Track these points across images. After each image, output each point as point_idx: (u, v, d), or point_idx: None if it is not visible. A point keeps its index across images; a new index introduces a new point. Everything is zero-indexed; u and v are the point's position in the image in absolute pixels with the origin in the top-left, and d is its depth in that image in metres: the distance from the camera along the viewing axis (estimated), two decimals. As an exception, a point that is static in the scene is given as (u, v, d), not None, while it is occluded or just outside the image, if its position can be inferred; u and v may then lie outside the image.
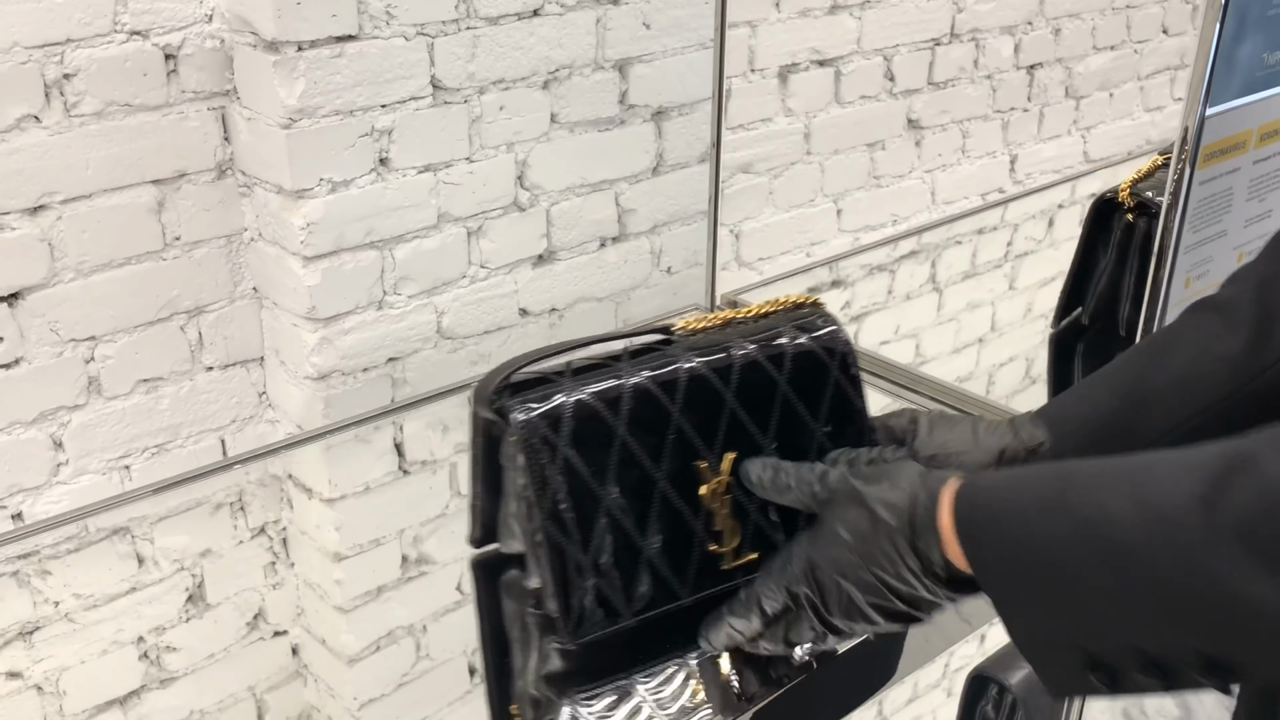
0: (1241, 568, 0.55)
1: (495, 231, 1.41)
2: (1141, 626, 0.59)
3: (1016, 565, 0.64)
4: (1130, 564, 0.58)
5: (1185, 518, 0.57)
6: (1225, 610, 0.56)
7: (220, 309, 1.33)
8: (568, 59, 1.41)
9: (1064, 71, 2.23)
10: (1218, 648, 0.57)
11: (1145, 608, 0.58)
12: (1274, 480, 0.55)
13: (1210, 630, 0.57)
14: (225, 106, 1.27)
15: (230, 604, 1.46)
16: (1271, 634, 0.56)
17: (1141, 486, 0.60)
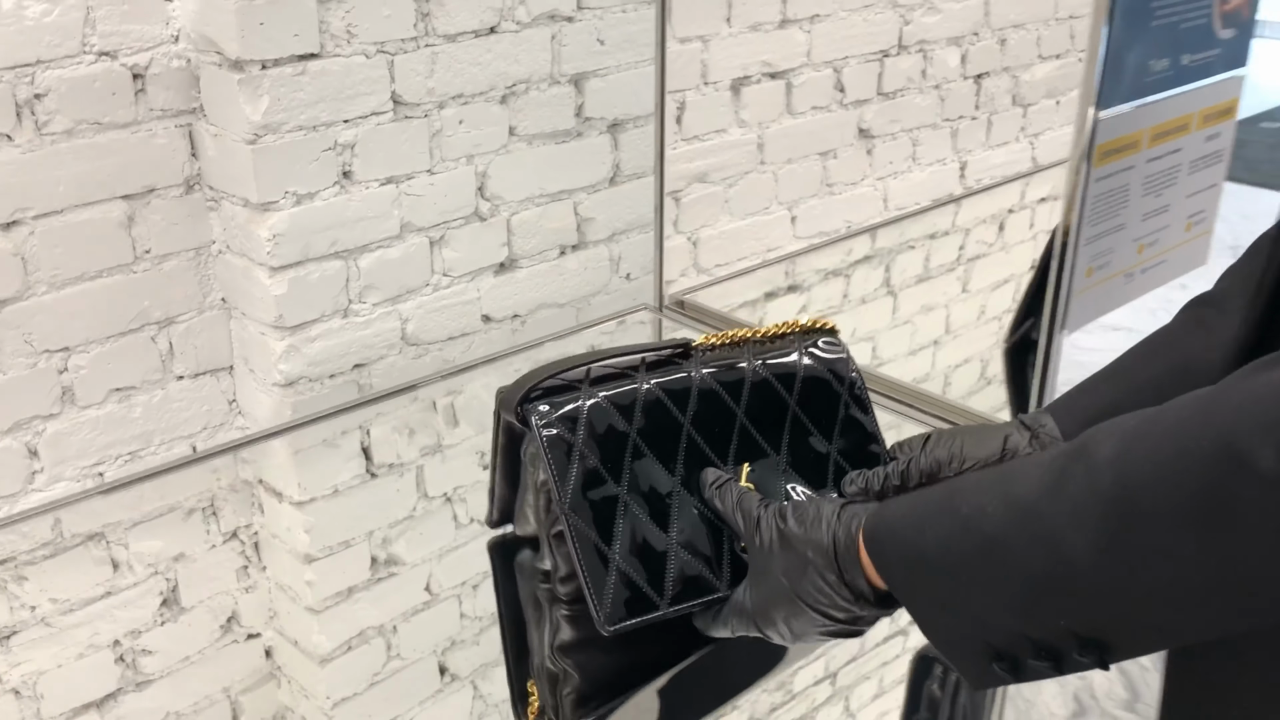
0: (1082, 548, 0.60)
1: (457, 241, 1.45)
2: (1021, 613, 0.64)
3: (917, 570, 0.69)
4: (1002, 555, 0.64)
5: (1036, 506, 0.62)
6: (1080, 589, 0.61)
7: (190, 319, 1.36)
8: (525, 74, 1.46)
9: (1011, 80, 2.30)
10: (1080, 624, 0.62)
11: (1020, 595, 0.63)
12: (1095, 461, 0.61)
13: (1069, 607, 0.62)
14: (192, 124, 1.31)
15: (204, 607, 1.49)
16: (1111, 601, 0.61)
17: (1009, 484, 0.65)
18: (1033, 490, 0.63)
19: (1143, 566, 0.59)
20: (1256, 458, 0.54)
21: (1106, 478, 0.60)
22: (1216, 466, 0.55)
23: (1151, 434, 0.59)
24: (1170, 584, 0.59)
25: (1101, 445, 0.61)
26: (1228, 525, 0.56)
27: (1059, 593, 0.62)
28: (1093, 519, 0.60)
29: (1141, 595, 0.60)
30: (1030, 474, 0.64)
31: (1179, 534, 0.57)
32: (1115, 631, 0.63)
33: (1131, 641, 0.64)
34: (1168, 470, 0.57)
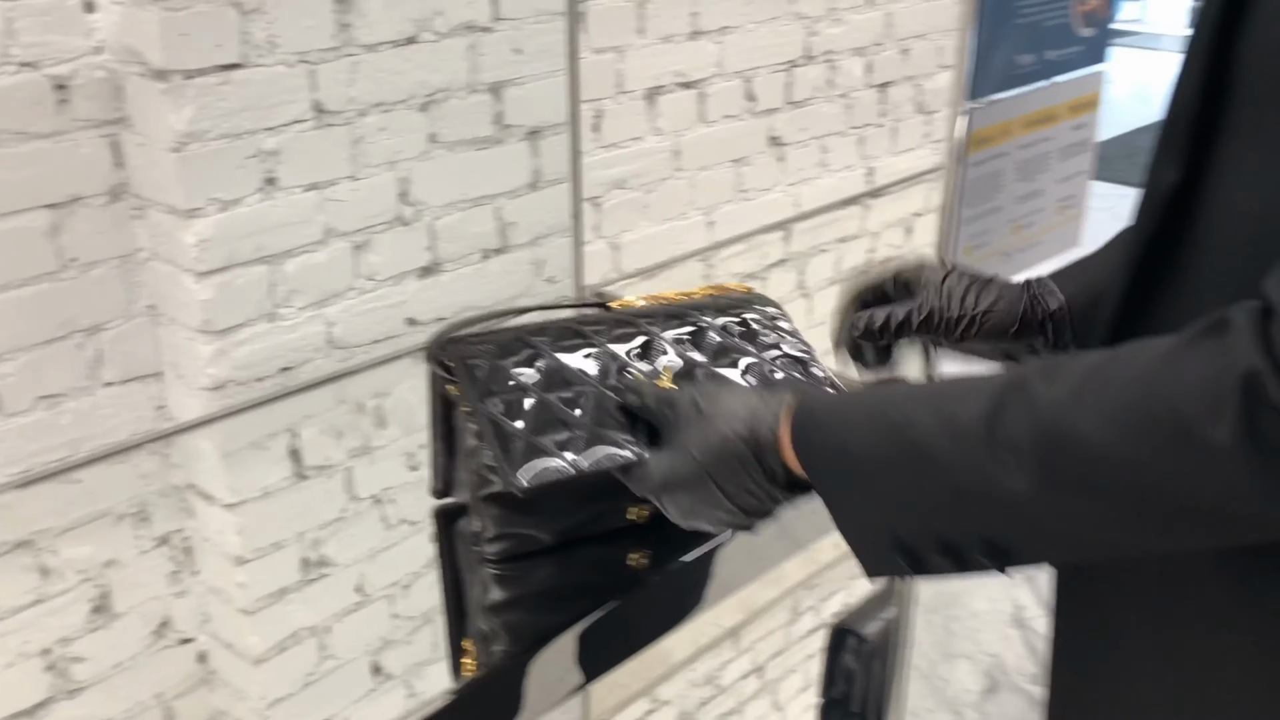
0: (1011, 472, 0.66)
1: (380, 245, 1.49)
2: (937, 515, 0.70)
3: (839, 463, 0.75)
4: (929, 465, 0.70)
5: (973, 430, 0.69)
6: (999, 503, 0.68)
7: (118, 326, 1.38)
8: (444, 83, 1.50)
9: (914, 88, 2.38)
10: (995, 534, 0.69)
11: (940, 501, 0.70)
12: (1037, 399, 0.67)
13: (990, 520, 0.69)
14: (117, 133, 1.33)
15: (136, 613, 1.50)
16: (1033, 522, 0.67)
17: (943, 403, 0.71)
18: (968, 414, 0.69)
19: (1071, 504, 0.66)
20: (1207, 432, 0.60)
21: (1047, 417, 0.66)
22: (1163, 434, 0.62)
23: (1100, 387, 0.65)
24: (1091, 522, 0.66)
25: (1046, 383, 0.67)
26: (1165, 487, 0.63)
27: (982, 508, 0.69)
28: (1031, 452, 0.66)
29: (1062, 526, 0.67)
30: (969, 397, 0.70)
31: (1115, 485, 0.64)
32: (1025, 546, 0.70)
33: (1037, 557, 0.71)
34: (1114, 427, 0.64)
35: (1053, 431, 0.66)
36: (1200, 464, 0.61)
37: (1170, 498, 0.63)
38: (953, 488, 0.69)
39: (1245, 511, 0.62)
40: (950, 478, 0.69)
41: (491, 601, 0.90)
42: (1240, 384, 0.60)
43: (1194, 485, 0.62)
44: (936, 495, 0.70)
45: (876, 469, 0.73)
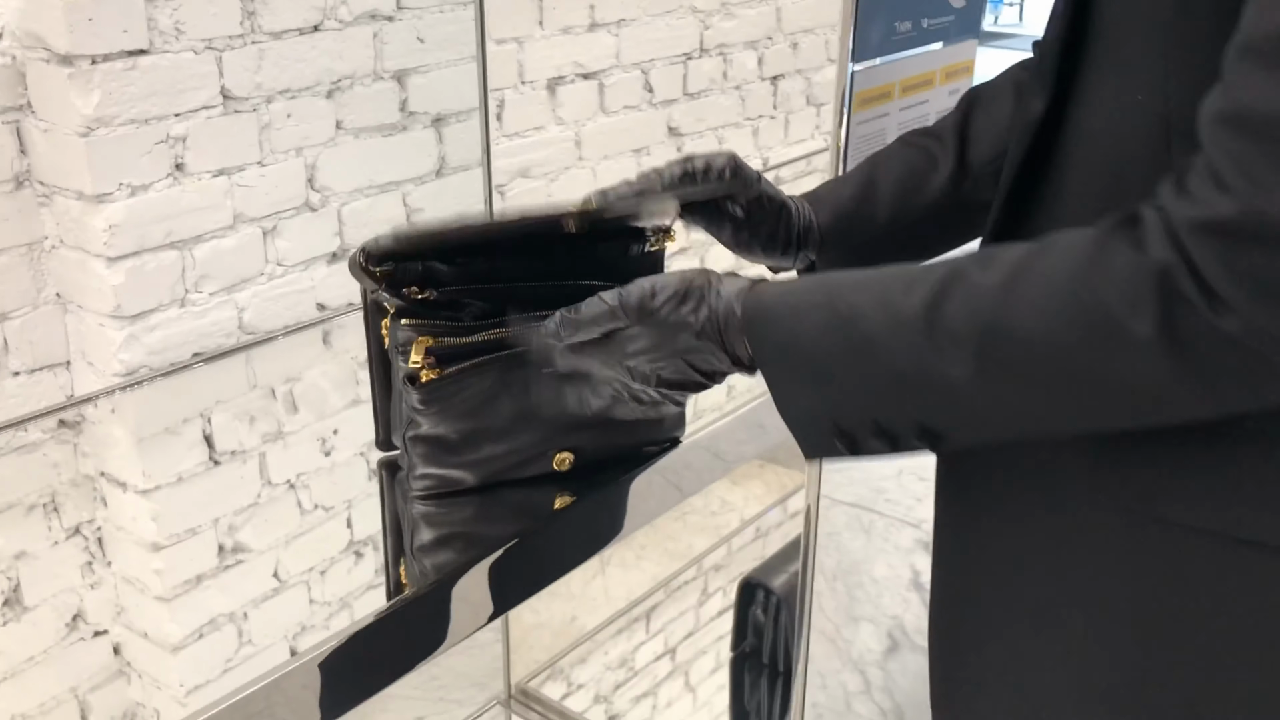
0: (957, 364, 0.71)
1: (289, 231, 1.51)
2: (879, 403, 0.75)
3: (788, 354, 0.79)
4: (873, 355, 0.74)
5: (915, 321, 0.72)
6: (937, 390, 0.72)
7: (24, 315, 1.38)
8: (349, 70, 1.53)
9: (804, 81, 2.47)
10: (931, 419, 0.74)
11: (883, 389, 0.74)
12: (975, 290, 0.71)
13: (927, 405, 0.73)
14: (19, 120, 1.33)
15: (48, 606, 1.49)
16: (969, 407, 0.73)
17: (886, 293, 0.75)
18: (909, 304, 0.73)
19: (1005, 391, 0.71)
20: (1130, 324, 0.65)
21: (985, 307, 0.71)
22: (1091, 326, 0.67)
23: (1035, 284, 0.70)
24: (1024, 407, 0.72)
25: (982, 272, 0.72)
26: (1093, 375, 0.68)
27: (922, 395, 0.74)
28: (970, 343, 0.71)
29: (996, 411, 0.73)
30: (913, 288, 0.74)
31: (1047, 373, 0.69)
32: (960, 430, 0.75)
33: (969, 439, 0.76)
34: (1051, 319, 0.68)
35: (990, 321, 0.70)
36: (1124, 354, 0.66)
37: (1098, 385, 0.68)
38: (895, 376, 0.74)
39: (1166, 397, 0.67)
40: (893, 367, 0.73)
41: (420, 542, 0.94)
42: (1156, 279, 0.64)
43: (1119, 373, 0.67)
44: (879, 384, 0.74)
45: (823, 359, 0.77)
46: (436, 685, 2.00)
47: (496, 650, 2.08)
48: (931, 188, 1.01)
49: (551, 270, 0.96)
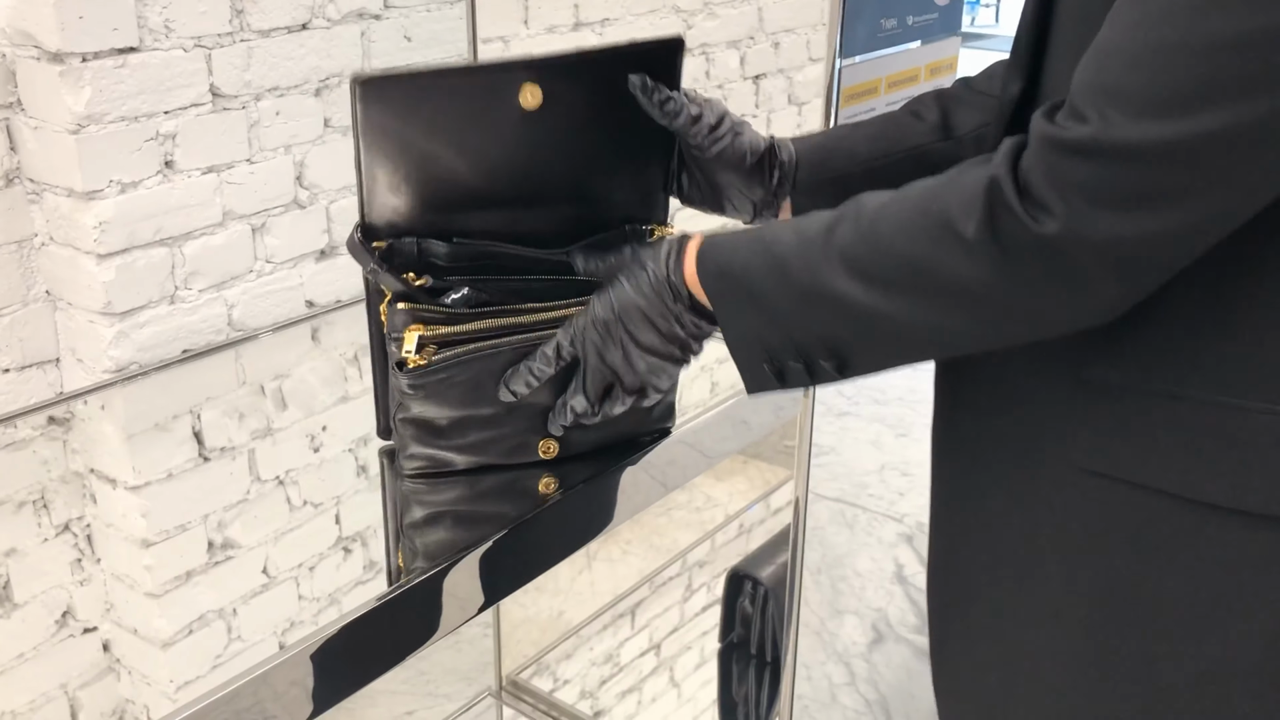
0: (842, 276, 0.81)
1: (278, 228, 1.52)
2: (791, 319, 0.84)
3: (727, 283, 0.88)
4: (785, 272, 0.84)
5: (815, 240, 0.83)
6: (830, 303, 0.81)
7: (14, 312, 1.38)
8: (337, 68, 1.54)
9: (785, 80, 2.49)
10: (831, 333, 0.83)
11: (792, 304, 0.84)
12: (862, 211, 0.82)
13: (826, 319, 0.83)
14: (9, 118, 1.33)
15: (38, 602, 1.49)
16: (856, 319, 0.81)
17: (802, 221, 0.86)
18: (815, 229, 0.83)
19: (878, 300, 0.80)
20: (960, 226, 0.75)
21: (865, 224, 0.81)
22: (933, 230, 0.77)
23: (902, 201, 0.80)
24: (894, 315, 0.80)
25: (868, 202, 0.82)
26: (937, 278, 0.77)
27: (821, 308, 0.83)
28: (849, 255, 0.81)
29: (876, 323, 0.81)
30: (821, 215, 0.84)
31: (905, 277, 0.79)
32: (856, 347, 0.84)
33: (867, 358, 0.85)
34: (906, 228, 0.79)
35: (866, 234, 0.81)
36: (956, 253, 0.75)
37: (942, 289, 0.77)
38: (801, 292, 0.83)
39: (993, 299, 0.76)
40: (799, 283, 0.83)
41: (411, 519, 0.97)
42: (986, 186, 0.74)
43: (954, 273, 0.76)
44: (790, 299, 0.83)
45: (750, 281, 0.86)
46: (424, 680, 2.01)
47: (484, 645, 2.09)
48: (914, 133, 1.07)
49: (548, 258, 0.99)
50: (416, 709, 1.97)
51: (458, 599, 1.00)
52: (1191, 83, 0.66)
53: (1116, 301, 0.75)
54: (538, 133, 0.96)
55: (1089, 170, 0.70)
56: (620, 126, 1.01)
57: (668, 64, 1.02)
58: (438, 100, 0.93)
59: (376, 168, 0.93)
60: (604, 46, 0.99)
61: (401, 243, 0.97)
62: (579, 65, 0.98)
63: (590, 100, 0.98)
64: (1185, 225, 0.70)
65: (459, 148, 0.94)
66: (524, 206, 0.99)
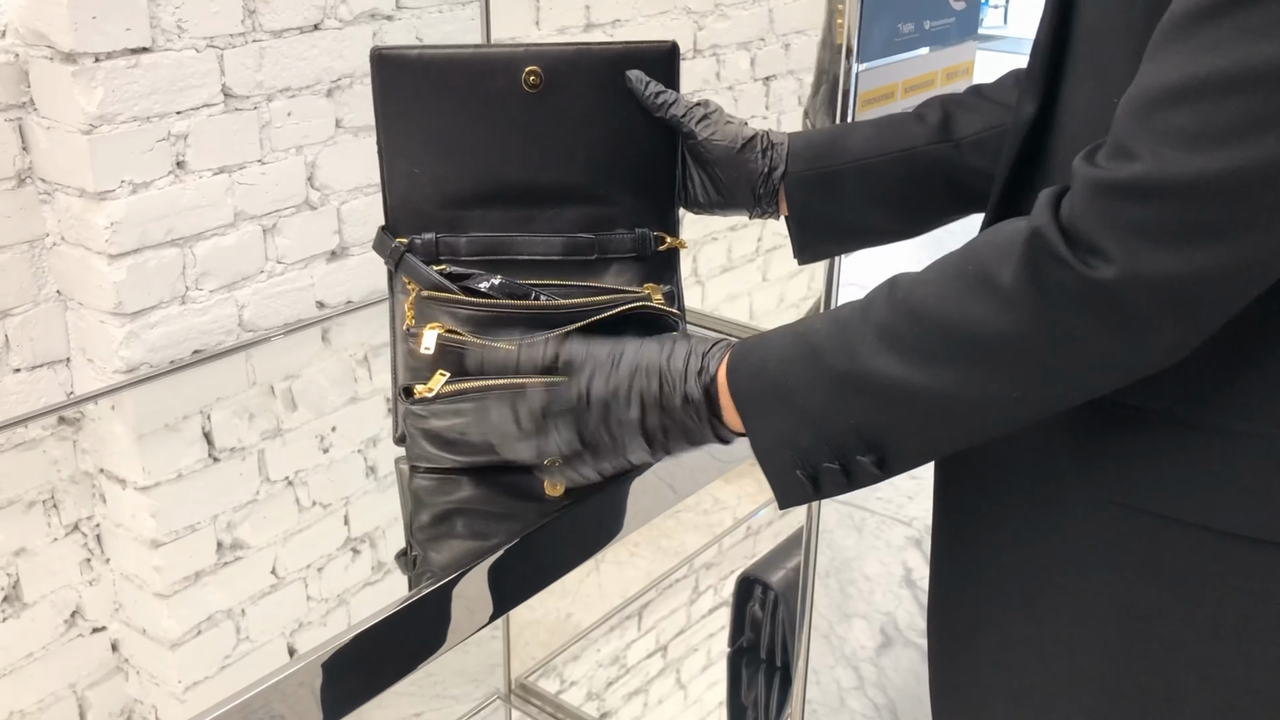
0: (877, 354, 0.76)
1: (289, 229, 1.52)
2: (825, 412, 0.79)
3: (760, 384, 0.83)
4: (818, 358, 0.79)
5: (850, 321, 0.79)
6: (871, 388, 0.77)
7: (25, 312, 1.38)
8: (349, 69, 1.54)
9: (795, 82, 2.49)
10: (871, 424, 0.78)
11: (826, 394, 0.78)
12: (900, 288, 0.78)
13: (865, 408, 0.78)
14: (22, 118, 1.33)
15: (47, 602, 1.49)
16: (898, 400, 0.76)
17: (838, 310, 0.82)
18: (849, 310, 0.80)
19: (921, 374, 0.75)
20: (998, 278, 0.71)
21: (900, 296, 0.77)
22: (973, 286, 0.73)
23: (938, 269, 0.77)
24: (939, 390, 0.75)
25: (903, 278, 0.78)
26: (976, 339, 0.73)
27: (858, 394, 0.77)
28: (889, 331, 0.76)
29: (921, 402, 0.76)
30: (856, 300, 0.80)
31: (946, 342, 0.73)
32: (896, 433, 0.78)
33: (908, 446, 0.79)
34: (942, 292, 0.75)
35: (901, 306, 0.77)
36: (994, 306, 0.72)
37: (982, 348, 0.73)
38: (834, 377, 0.78)
39: (1041, 352, 0.72)
40: (832, 367, 0.78)
41: (420, 520, 0.97)
42: (1026, 236, 0.71)
43: (995, 329, 0.72)
44: (823, 388, 0.79)
45: (782, 376, 0.81)
46: (433, 682, 2.01)
47: (493, 647, 2.09)
48: (911, 135, 1.05)
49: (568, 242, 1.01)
50: (424, 711, 1.97)
51: (468, 608, 1.00)
52: (1248, 112, 0.64)
53: (1176, 346, 0.71)
54: (542, 119, 1.00)
55: (1146, 210, 0.67)
56: (624, 128, 1.03)
57: (665, 68, 1.05)
58: (449, 77, 0.98)
59: (395, 152, 0.98)
60: (602, 43, 1.01)
61: (422, 239, 1.00)
62: (578, 57, 1.01)
63: (591, 92, 1.02)
64: (1246, 260, 0.67)
65: (469, 127, 0.99)
66: (536, 202, 1.01)
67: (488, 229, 1.01)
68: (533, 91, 0.98)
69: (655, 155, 1.06)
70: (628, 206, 1.05)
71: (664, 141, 1.05)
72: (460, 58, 0.98)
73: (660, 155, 1.06)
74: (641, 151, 1.05)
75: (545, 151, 1.00)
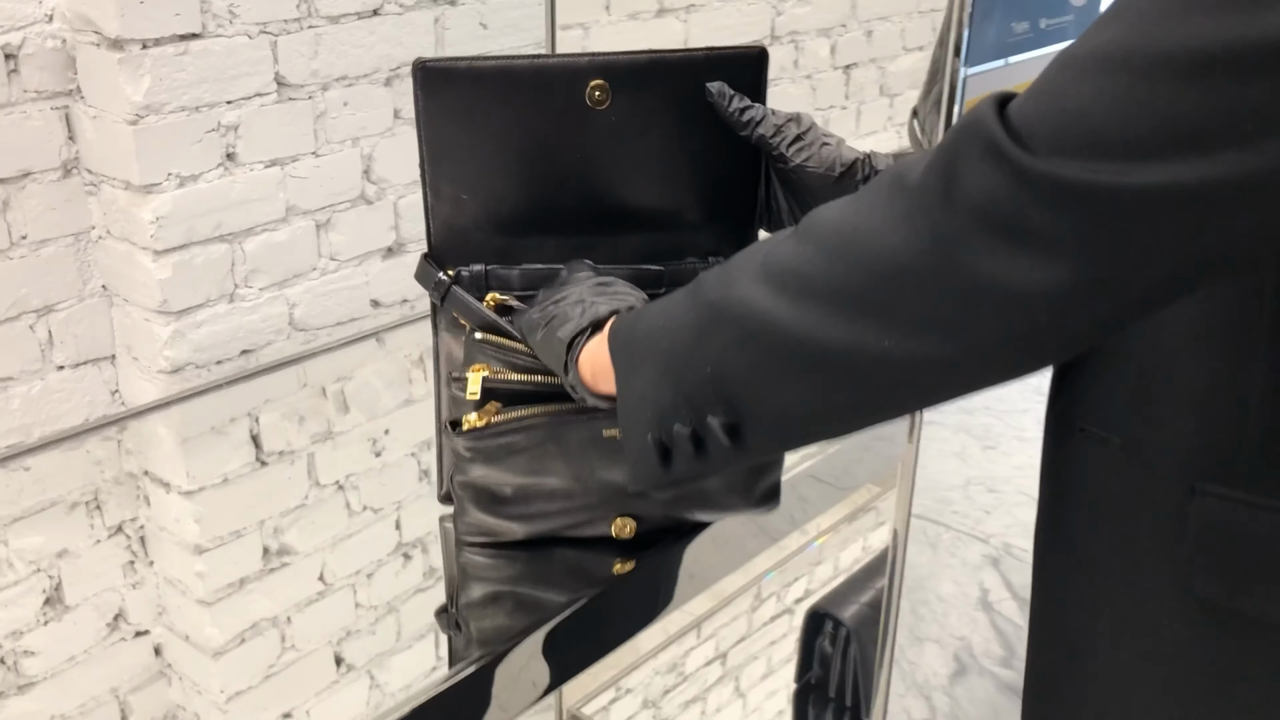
0: (753, 283, 0.67)
1: (344, 224, 1.45)
2: (687, 355, 0.70)
3: (634, 328, 0.75)
4: (697, 292, 0.71)
5: (741, 257, 0.71)
6: (733, 321, 0.68)
7: (70, 307, 1.33)
8: (408, 57, 1.47)
9: (878, 71, 2.38)
10: (727, 368, 0.68)
11: (690, 331, 0.70)
12: (815, 213, 0.68)
13: (724, 346, 0.68)
14: (69, 106, 1.28)
15: (89, 605, 1.45)
16: (765, 342, 0.67)
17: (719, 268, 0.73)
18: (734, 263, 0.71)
19: (786, 297, 0.66)
20: (906, 177, 0.61)
21: (801, 229, 0.68)
22: (874, 194, 0.64)
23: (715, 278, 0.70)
24: (799, 326, 0.65)
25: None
26: (858, 262, 0.63)
27: (715, 325, 0.69)
28: (773, 254, 0.68)
29: (777, 339, 0.66)
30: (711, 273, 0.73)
31: (818, 265, 0.64)
32: (747, 386, 0.69)
33: (758, 408, 0.69)
34: (847, 205, 0.66)
35: (803, 226, 0.67)
36: (890, 213, 0.61)
37: (858, 267, 0.63)
38: (701, 310, 0.69)
39: (921, 279, 0.60)
40: (705, 299, 0.70)
41: (468, 598, 0.89)
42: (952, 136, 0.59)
43: (879, 245, 0.61)
44: (689, 326, 0.70)
45: (660, 317, 0.73)
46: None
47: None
48: None
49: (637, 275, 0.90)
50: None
51: (518, 684, 0.92)
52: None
53: (1068, 301, 0.57)
54: (607, 138, 0.88)
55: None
56: (699, 144, 0.91)
57: (751, 78, 0.92)
58: (501, 93, 0.85)
59: (441, 175, 0.86)
60: (679, 52, 0.90)
61: (470, 270, 0.89)
62: (651, 67, 0.88)
63: (664, 108, 0.89)
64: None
65: (524, 147, 0.87)
66: (597, 229, 0.89)
67: (544, 260, 0.89)
68: (598, 108, 0.87)
69: (735, 176, 0.94)
70: (701, 233, 0.93)
71: (746, 160, 0.93)
72: (515, 70, 0.86)
73: (741, 176, 0.94)
74: (719, 172, 0.93)
75: (609, 173, 0.89)
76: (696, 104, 0.89)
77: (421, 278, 0.91)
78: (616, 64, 0.87)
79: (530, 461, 0.88)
